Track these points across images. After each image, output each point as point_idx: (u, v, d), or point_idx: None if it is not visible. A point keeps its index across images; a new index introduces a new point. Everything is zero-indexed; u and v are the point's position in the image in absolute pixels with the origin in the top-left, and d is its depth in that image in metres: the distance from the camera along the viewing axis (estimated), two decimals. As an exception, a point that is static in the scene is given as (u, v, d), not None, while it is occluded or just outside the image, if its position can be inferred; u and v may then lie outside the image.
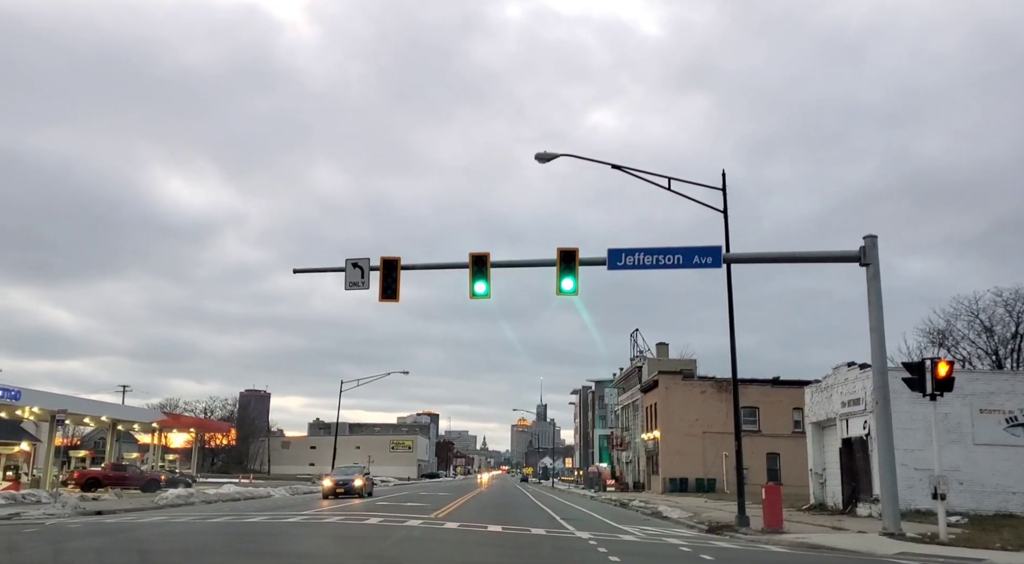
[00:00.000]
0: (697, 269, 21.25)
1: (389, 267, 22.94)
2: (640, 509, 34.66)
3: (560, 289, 21.69)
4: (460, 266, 22.78)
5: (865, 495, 27.00)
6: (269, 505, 30.41)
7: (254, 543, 14.62)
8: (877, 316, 19.83)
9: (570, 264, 21.72)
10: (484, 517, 23.50)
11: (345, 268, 23.23)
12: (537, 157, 23.66)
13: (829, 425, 30.91)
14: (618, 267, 21.66)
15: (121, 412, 56.00)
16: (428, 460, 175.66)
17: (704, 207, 23.08)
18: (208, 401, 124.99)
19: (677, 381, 65.83)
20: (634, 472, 77.87)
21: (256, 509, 26.61)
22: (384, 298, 22.88)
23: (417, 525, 19.00)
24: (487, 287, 22.31)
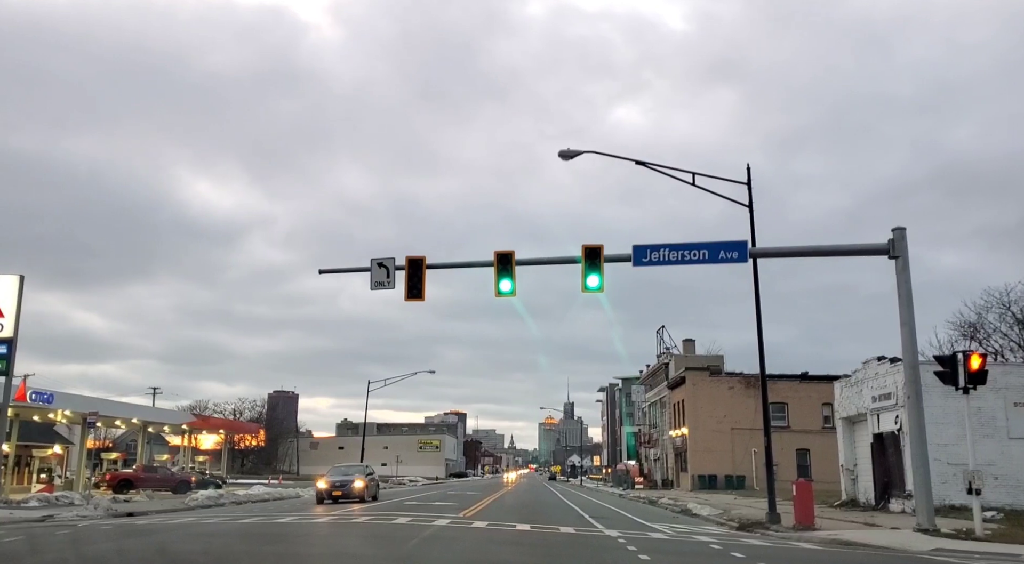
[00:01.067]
0: (723, 264, 21.04)
1: (414, 266, 22.95)
2: (669, 507, 34.47)
3: (585, 286, 21.59)
4: (485, 265, 22.75)
5: (897, 491, 26.65)
6: (298, 505, 30.60)
7: (284, 544, 14.67)
8: (907, 310, 19.55)
9: (595, 261, 21.61)
10: (512, 516, 23.47)
11: (371, 268, 23.27)
12: (561, 154, 23.58)
13: (860, 420, 30.55)
14: (643, 263, 21.51)
15: (151, 414, 56.65)
16: (456, 459, 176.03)
17: (731, 203, 22.89)
18: (237, 402, 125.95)
19: (704, 377, 65.48)
20: (662, 469, 77.55)
21: (285, 510, 26.77)
22: (410, 297, 22.90)
23: (445, 524, 18.99)
24: (512, 285, 22.26)
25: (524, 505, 32.46)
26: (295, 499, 40.85)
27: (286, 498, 41.46)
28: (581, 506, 33.90)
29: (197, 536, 16.26)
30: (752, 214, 22.89)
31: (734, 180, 23.06)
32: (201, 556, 12.79)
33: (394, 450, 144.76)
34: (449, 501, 33.53)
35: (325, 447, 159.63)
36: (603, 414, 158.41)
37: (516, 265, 22.38)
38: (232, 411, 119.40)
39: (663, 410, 77.32)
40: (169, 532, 17.18)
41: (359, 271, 23.71)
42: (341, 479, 32.91)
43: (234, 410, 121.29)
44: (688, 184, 22.94)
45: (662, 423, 77.77)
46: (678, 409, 68.85)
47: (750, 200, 22.98)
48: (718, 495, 47.18)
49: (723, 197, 22.94)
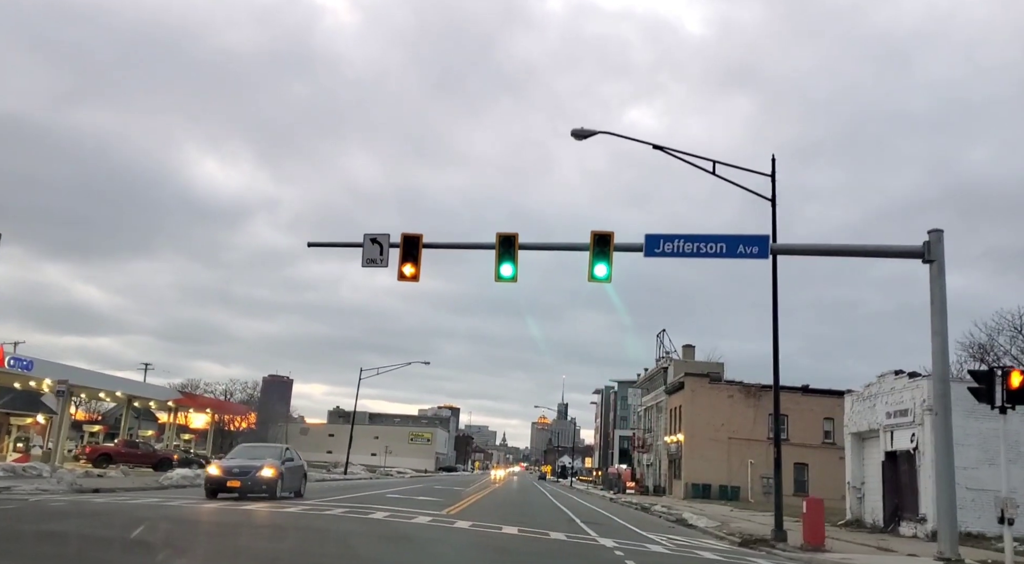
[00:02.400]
0: (741, 259, 19.51)
1: (410, 244, 21.44)
2: (663, 515, 32.95)
3: (592, 275, 20.08)
4: (486, 246, 21.25)
5: (910, 513, 25.14)
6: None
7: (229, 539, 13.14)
8: (940, 319, 18.00)
9: (604, 249, 20.11)
10: (499, 517, 21.95)
11: (363, 243, 21.77)
12: (574, 133, 22.04)
13: (871, 436, 29.03)
14: (655, 254, 20.01)
15: (137, 388, 55.19)
16: (447, 453, 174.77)
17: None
18: (228, 383, 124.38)
19: (704, 384, 63.95)
20: (655, 475, 76.05)
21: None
22: (403, 277, 21.39)
23: (425, 523, 17.44)
24: (514, 269, 20.76)
25: (512, 505, 30.98)
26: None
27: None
28: (572, 509, 32.42)
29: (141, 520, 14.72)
30: (775, 208, 21.39)
31: (757, 171, 21.56)
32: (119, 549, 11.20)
33: (385, 441, 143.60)
34: (434, 496, 31.98)
35: (315, 433, 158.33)
36: (597, 416, 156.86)
37: (519, 249, 20.90)
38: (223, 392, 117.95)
39: (659, 415, 75.80)
40: (118, 515, 15.59)
41: (350, 246, 22.21)
42: (240, 465, 23.28)
43: (225, 391, 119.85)
44: (708, 172, 21.42)
45: (657, 428, 76.25)
46: (675, 415, 67.32)
47: (773, 193, 21.48)
48: (713, 505, 45.67)
49: (745, 189, 21.44)
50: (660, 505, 40.22)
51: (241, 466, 23.33)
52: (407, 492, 34.60)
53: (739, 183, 21.45)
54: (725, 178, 21.42)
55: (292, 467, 25.70)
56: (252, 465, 23.26)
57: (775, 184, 21.45)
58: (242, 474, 22.84)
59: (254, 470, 22.94)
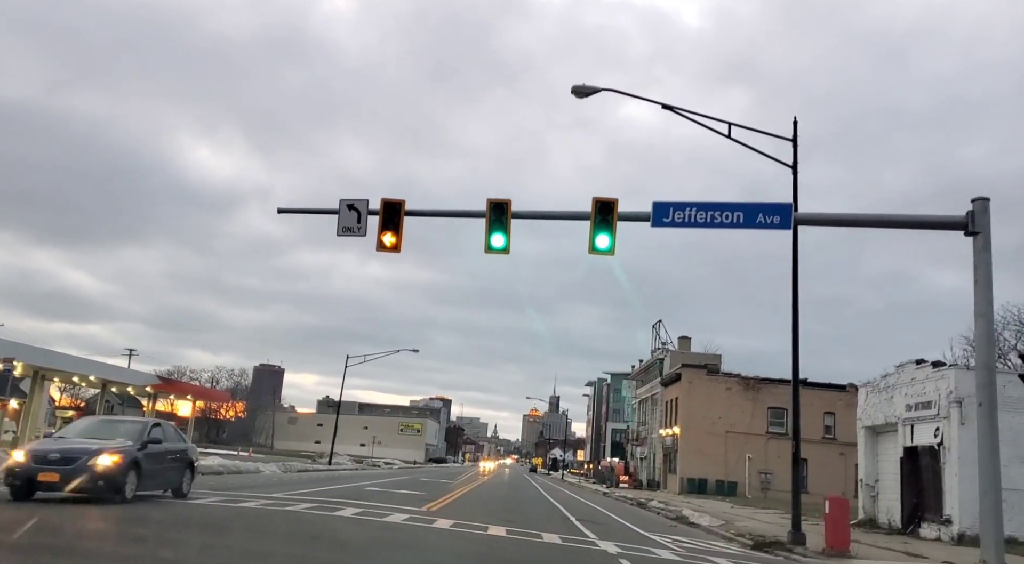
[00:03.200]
0: (760, 230, 17.40)
1: (391, 211, 19.28)
2: (661, 511, 30.96)
3: (594, 246, 17.97)
4: (476, 215, 19.13)
5: (932, 514, 23.15)
6: (246, 483, 26.96)
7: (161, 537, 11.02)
8: (985, 298, 15.92)
9: (607, 217, 17.99)
10: (486, 514, 19.89)
11: (339, 210, 19.61)
12: (574, 90, 19.92)
13: (887, 431, 27.03)
14: (664, 224, 17.87)
15: (112, 373, 52.75)
16: (437, 445, 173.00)
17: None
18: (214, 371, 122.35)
19: (701, 376, 61.93)
20: (649, 469, 74.16)
21: (225, 487, 23.12)
22: (382, 248, 19.25)
23: (398, 523, 15.24)
24: (506, 240, 18.65)
25: (501, 500, 28.93)
26: (253, 474, 37.41)
27: (244, 472, 37.96)
28: (565, 504, 30.39)
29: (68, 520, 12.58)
30: (796, 176, 19.37)
31: (776, 135, 19.46)
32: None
33: (374, 431, 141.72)
34: (417, 490, 29.86)
35: (304, 423, 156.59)
36: (589, 409, 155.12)
37: (512, 218, 18.79)
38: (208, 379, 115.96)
39: (654, 407, 73.85)
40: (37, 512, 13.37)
41: (325, 213, 20.03)
42: (67, 448, 15.55)
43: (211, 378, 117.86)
44: (723, 136, 19.34)
45: (652, 421, 74.33)
46: (670, 407, 65.36)
47: (795, 160, 19.43)
48: (711, 501, 43.74)
49: (763, 154, 19.37)
50: (656, 500, 38.27)
51: (66, 450, 15.26)
52: (389, 484, 32.48)
53: (758, 148, 19.36)
54: (741, 142, 19.36)
55: (158, 453, 16.95)
56: (84, 448, 15.32)
57: (796, 149, 19.43)
58: (65, 462, 14.79)
59: (85, 456, 14.91)
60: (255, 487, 23.58)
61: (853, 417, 60.28)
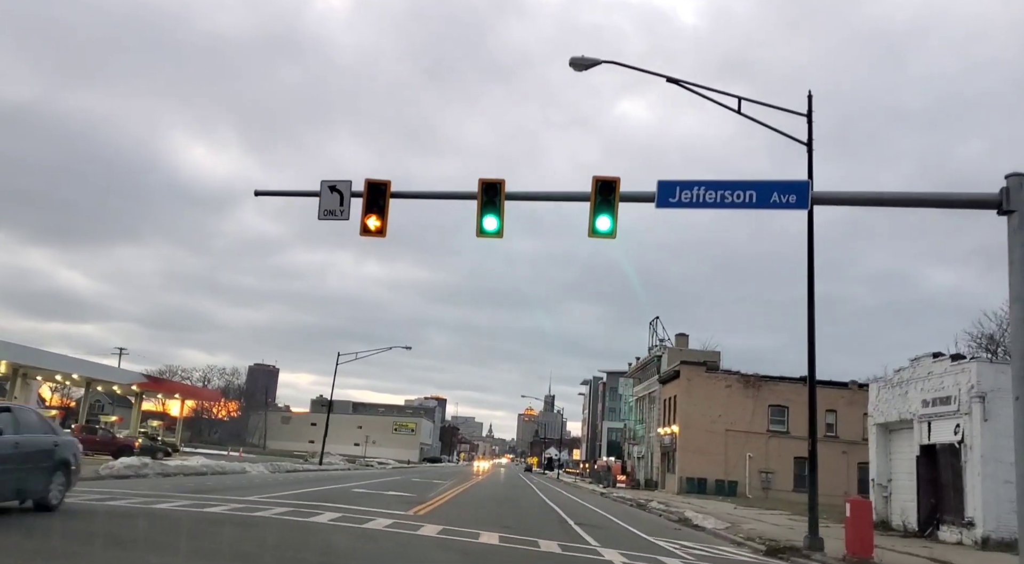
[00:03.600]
0: (775, 210, 16.04)
1: (375, 192, 17.91)
2: (663, 513, 29.61)
3: (594, 229, 16.61)
4: (467, 196, 17.79)
5: (952, 516, 21.83)
6: (227, 485, 25.55)
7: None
8: (1022, 280, 14.54)
9: (608, 197, 16.63)
10: (479, 517, 18.52)
11: (320, 192, 18.23)
12: (572, 63, 18.65)
13: (901, 428, 25.70)
14: (669, 205, 16.49)
15: (96, 371, 51.35)
16: (432, 444, 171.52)
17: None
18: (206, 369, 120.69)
19: (700, 373, 60.56)
20: (646, 468, 72.84)
21: (203, 490, 21.70)
22: (366, 232, 17.88)
23: (379, 529, 13.81)
24: (499, 223, 17.30)
25: (496, 501, 27.55)
26: (238, 474, 36.02)
27: (228, 473, 36.59)
28: (562, 506, 29.03)
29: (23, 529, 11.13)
30: (811, 154, 18.00)
31: (790, 110, 18.12)
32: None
33: (368, 431, 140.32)
34: (407, 491, 28.44)
35: (297, 422, 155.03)
36: (584, 407, 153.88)
37: (506, 199, 17.43)
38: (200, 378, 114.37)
39: (652, 406, 72.53)
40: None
41: (305, 195, 18.68)
42: None
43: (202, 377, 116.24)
44: (733, 111, 17.99)
45: (650, 419, 73.00)
46: (669, 405, 64.03)
47: (809, 136, 18.08)
48: (712, 502, 42.43)
49: (776, 131, 18.02)
50: (656, 501, 36.95)
51: None
52: (378, 485, 31.05)
53: (770, 125, 18.01)
54: (751, 117, 18.00)
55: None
56: None
57: (812, 125, 18.08)
58: None
59: None
60: (231, 489, 22.15)
61: (855, 415, 59.46)
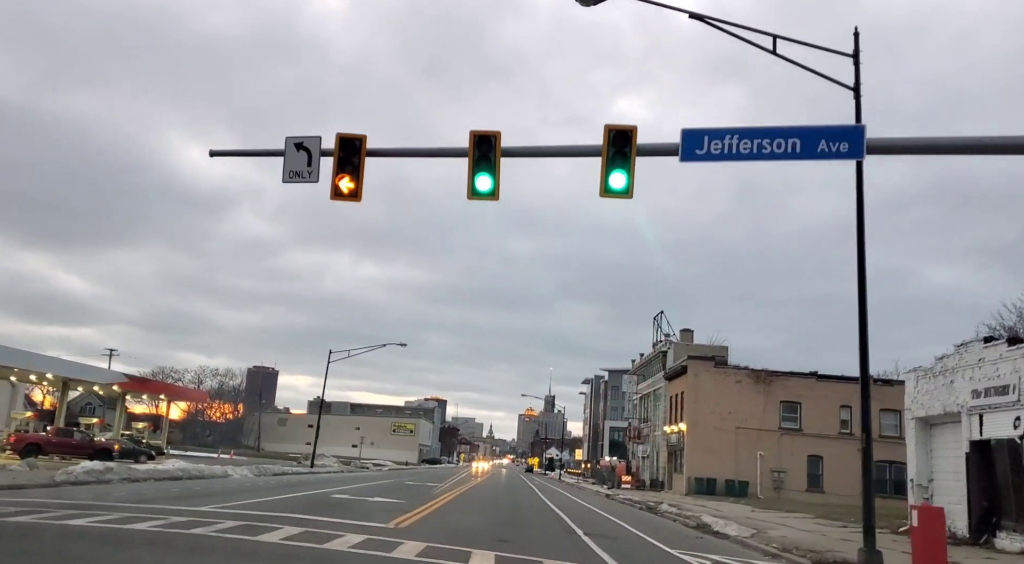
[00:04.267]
0: (823, 160, 13.40)
1: (348, 149, 15.27)
2: (676, 517, 26.99)
3: (607, 187, 13.99)
4: (457, 154, 15.20)
5: (1012, 521, 19.20)
6: (194, 491, 22.85)
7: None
8: None
9: (623, 149, 14.01)
10: (472, 530, 15.86)
11: (285, 151, 15.58)
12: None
13: (945, 422, 23.07)
14: (696, 157, 13.87)
15: (73, 371, 48.60)
16: (431, 445, 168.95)
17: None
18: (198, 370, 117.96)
19: (708, 368, 57.87)
20: (652, 468, 70.17)
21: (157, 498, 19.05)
22: (338, 195, 15.25)
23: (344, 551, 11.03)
24: (493, 183, 14.70)
25: (494, 507, 24.85)
26: (217, 479, 33.48)
27: (206, 477, 34.01)
28: (567, 511, 26.37)
29: None
30: (859, 100, 15.36)
31: (835, 50, 15.48)
32: None
33: (366, 432, 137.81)
34: (396, 496, 25.69)
35: (294, 424, 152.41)
36: (586, 407, 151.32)
37: (502, 155, 14.82)
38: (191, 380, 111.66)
39: (657, 403, 69.85)
40: None
41: (267, 155, 16.04)
42: None
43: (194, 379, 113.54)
44: (767, 51, 15.33)
45: (655, 418, 70.32)
46: (676, 402, 61.33)
47: (856, 80, 15.44)
48: (724, 503, 39.85)
49: (817, 74, 15.36)
50: (666, 504, 34.33)
51: None
52: (365, 490, 28.26)
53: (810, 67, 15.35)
54: (788, 58, 15.32)
55: None
56: None
57: (859, 67, 15.43)
58: None
59: None
60: (191, 497, 19.48)
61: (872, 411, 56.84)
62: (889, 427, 55.74)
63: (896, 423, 55.84)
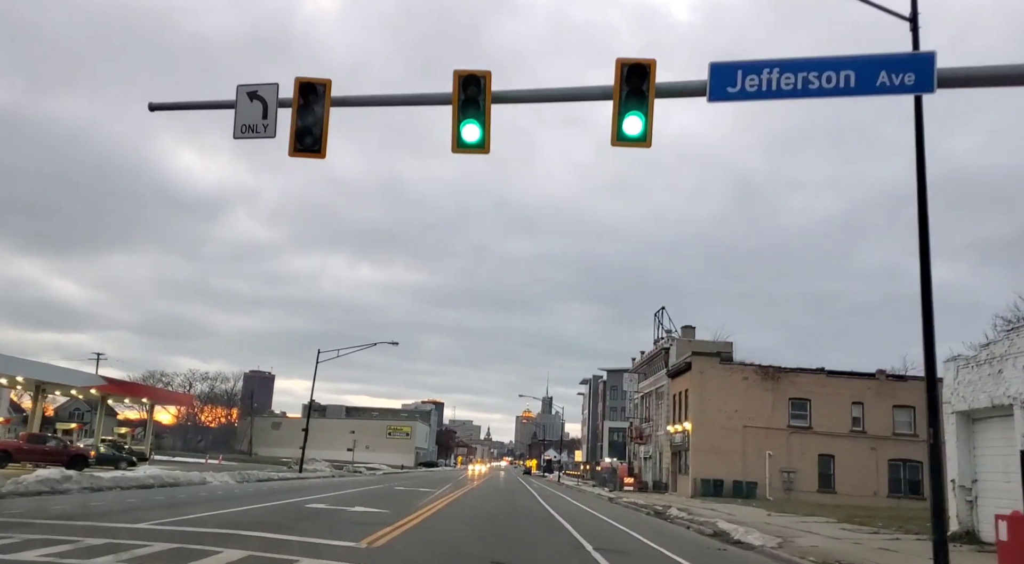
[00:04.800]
0: (886, 95, 10.97)
1: (309, 96, 12.88)
2: (690, 524, 24.54)
3: (620, 133, 11.61)
4: (440, 101, 12.81)
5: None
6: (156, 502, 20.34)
7: None
8: None
9: (640, 87, 11.64)
10: (460, 547, 13.42)
11: (236, 102, 13.17)
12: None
13: (992, 416, 20.65)
14: (728, 97, 11.50)
15: (45, 373, 45.98)
16: (428, 448, 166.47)
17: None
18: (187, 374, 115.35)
19: (714, 364, 55.46)
20: (654, 470, 67.75)
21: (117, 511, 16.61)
22: (298, 151, 12.85)
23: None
24: (482, 132, 12.32)
25: (488, 517, 22.32)
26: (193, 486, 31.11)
27: (181, 485, 31.59)
28: (570, 519, 23.90)
29: None
30: (916, 35, 12.96)
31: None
32: None
33: (362, 435, 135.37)
34: (379, 505, 23.08)
35: (288, 428, 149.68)
36: (584, 408, 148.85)
37: (493, 101, 12.41)
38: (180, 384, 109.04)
39: (659, 402, 67.44)
40: None
41: (216, 107, 13.61)
42: None
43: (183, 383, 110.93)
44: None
45: (657, 417, 67.90)
46: (679, 401, 58.90)
47: (914, 10, 13.01)
48: (734, 506, 37.43)
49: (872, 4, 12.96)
50: (675, 507, 31.92)
51: None
52: (347, 498, 25.62)
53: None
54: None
55: None
56: None
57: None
58: None
59: None
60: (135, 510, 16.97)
61: (884, 407, 54.39)
62: (903, 424, 53.45)
63: (910, 420, 53.56)
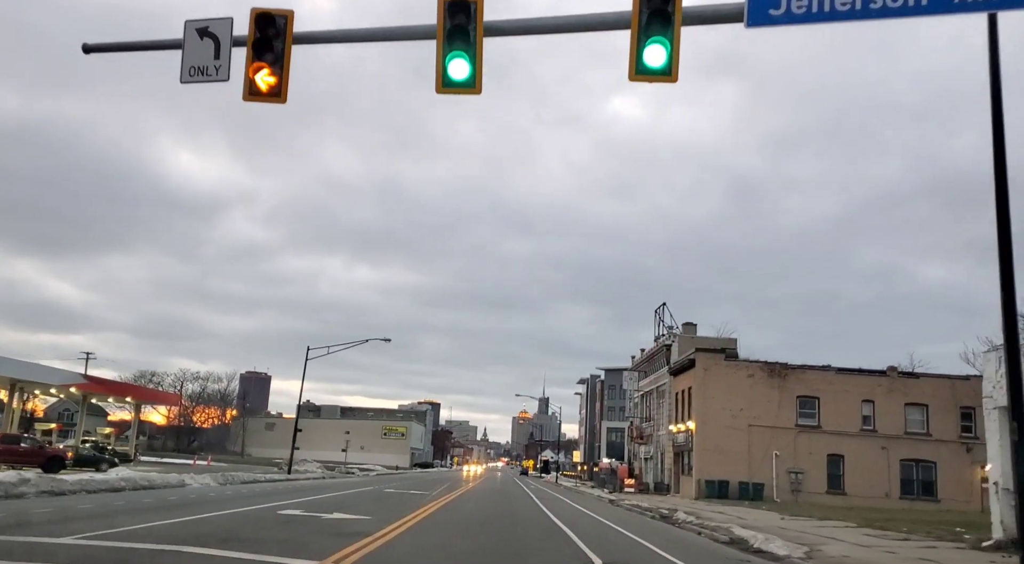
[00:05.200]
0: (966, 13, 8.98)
1: (267, 31, 10.86)
2: (701, 529, 22.52)
3: (640, 65, 9.59)
4: (423, 34, 10.79)
5: None
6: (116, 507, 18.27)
7: None
8: None
9: (663, 8, 9.60)
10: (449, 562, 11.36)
11: (184, 41, 11.12)
12: None
13: (1041, 411, 18.60)
14: (771, 21, 9.46)
15: (22, 371, 43.99)
16: (423, 449, 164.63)
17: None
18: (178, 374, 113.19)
19: (718, 361, 53.50)
20: (656, 471, 65.78)
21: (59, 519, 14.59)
22: (255, 94, 10.83)
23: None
24: (471, 70, 10.30)
25: (483, 523, 20.26)
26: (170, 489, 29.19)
27: (157, 487, 29.61)
28: (572, 524, 21.87)
29: None
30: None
31: None
32: None
33: (357, 436, 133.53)
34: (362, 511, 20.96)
35: (282, 428, 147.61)
36: (582, 408, 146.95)
37: (486, 33, 10.39)
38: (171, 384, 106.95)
39: (661, 400, 65.47)
40: None
41: (160, 48, 11.56)
42: None
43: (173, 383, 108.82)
44: None
45: (659, 416, 65.93)
46: (682, 399, 56.92)
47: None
48: (742, 509, 35.51)
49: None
50: (681, 511, 29.91)
51: None
52: (327, 504, 23.36)
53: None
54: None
55: None
56: None
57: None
58: None
59: None
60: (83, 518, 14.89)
61: (895, 405, 52.32)
62: (915, 423, 51.52)
63: (923, 419, 51.61)
